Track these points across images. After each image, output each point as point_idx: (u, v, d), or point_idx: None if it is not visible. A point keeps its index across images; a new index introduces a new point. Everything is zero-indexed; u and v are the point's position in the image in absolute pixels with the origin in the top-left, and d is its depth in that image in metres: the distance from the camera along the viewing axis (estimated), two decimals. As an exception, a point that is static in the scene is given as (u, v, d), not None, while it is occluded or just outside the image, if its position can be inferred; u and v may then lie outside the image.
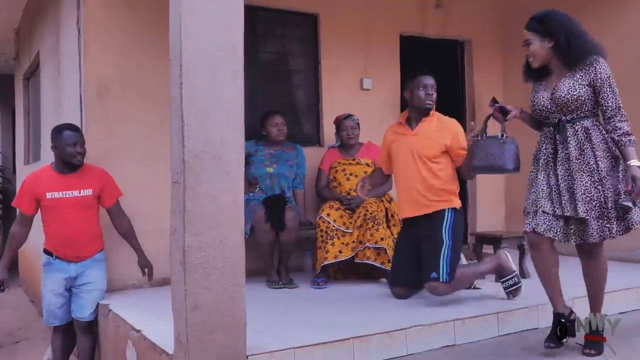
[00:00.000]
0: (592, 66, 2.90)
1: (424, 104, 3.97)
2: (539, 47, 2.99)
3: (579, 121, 2.94)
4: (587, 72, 2.91)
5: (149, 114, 4.52)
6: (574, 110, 2.94)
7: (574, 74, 2.94)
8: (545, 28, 2.96)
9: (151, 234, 4.28)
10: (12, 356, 4.59)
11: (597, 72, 2.89)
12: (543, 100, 3.04)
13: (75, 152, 3.79)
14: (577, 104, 2.92)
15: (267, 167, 4.81)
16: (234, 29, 2.66)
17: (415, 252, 3.94)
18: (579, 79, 2.92)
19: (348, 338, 3.03)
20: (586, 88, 2.91)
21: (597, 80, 2.90)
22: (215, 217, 2.58)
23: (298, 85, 5.70)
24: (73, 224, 3.79)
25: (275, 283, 4.52)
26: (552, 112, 3.01)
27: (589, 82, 2.90)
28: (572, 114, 2.95)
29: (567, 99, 2.92)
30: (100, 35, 4.45)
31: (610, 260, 5.23)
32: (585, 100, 2.92)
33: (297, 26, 5.61)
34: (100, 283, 3.95)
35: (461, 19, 6.19)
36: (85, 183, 3.84)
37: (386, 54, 5.83)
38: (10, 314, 5.43)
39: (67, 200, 3.78)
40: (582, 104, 2.92)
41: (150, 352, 3.03)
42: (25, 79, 7.54)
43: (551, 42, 2.95)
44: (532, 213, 3.08)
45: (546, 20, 2.97)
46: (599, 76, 2.89)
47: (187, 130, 2.53)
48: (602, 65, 2.91)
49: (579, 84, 2.91)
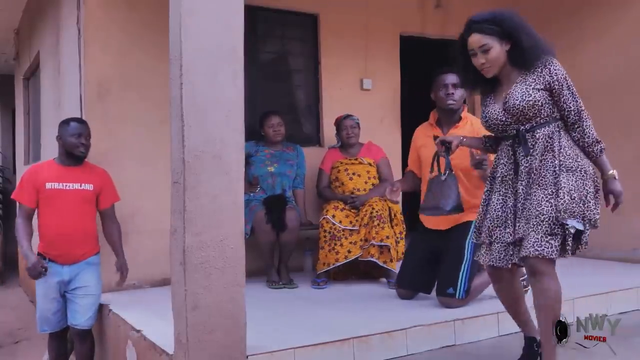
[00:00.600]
0: (546, 68, 2.58)
1: (445, 104, 3.85)
2: (499, 51, 2.63)
3: (539, 128, 2.60)
4: (541, 74, 2.59)
5: (149, 114, 4.52)
6: (532, 117, 2.60)
7: (525, 79, 2.62)
8: (504, 29, 2.62)
9: (151, 234, 4.28)
10: (12, 356, 4.59)
11: (553, 73, 2.58)
12: (496, 113, 2.68)
13: (78, 142, 3.73)
14: (534, 110, 2.58)
15: (268, 166, 4.82)
16: (234, 29, 2.66)
17: (429, 259, 3.85)
18: (533, 83, 2.59)
19: (348, 338, 3.03)
20: (542, 92, 2.57)
21: (553, 83, 2.57)
22: (215, 217, 2.58)
23: (298, 85, 5.70)
24: (70, 217, 3.67)
25: (276, 283, 4.52)
26: (508, 124, 2.65)
27: (545, 85, 2.58)
28: (530, 121, 2.61)
29: (523, 107, 2.57)
30: (100, 35, 4.45)
31: (611, 260, 5.27)
32: (543, 104, 2.58)
33: (297, 26, 5.61)
34: (93, 288, 3.78)
35: (461, 19, 6.10)
36: (87, 178, 3.77)
37: (386, 54, 5.83)
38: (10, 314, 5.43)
39: (67, 192, 3.68)
40: (540, 109, 2.58)
41: (150, 352, 3.03)
42: (25, 79, 7.55)
43: (508, 44, 2.63)
44: (487, 245, 2.73)
45: (502, 21, 2.63)
46: (555, 78, 2.57)
47: (187, 130, 2.53)
48: (556, 65, 2.60)
49: (533, 88, 2.58)
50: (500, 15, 2.65)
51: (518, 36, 2.60)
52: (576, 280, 4.52)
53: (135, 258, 4.11)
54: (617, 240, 5.35)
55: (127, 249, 4.08)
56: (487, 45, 2.63)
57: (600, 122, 5.55)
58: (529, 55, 2.60)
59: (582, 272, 4.79)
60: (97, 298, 3.81)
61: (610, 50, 5.49)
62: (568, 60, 5.84)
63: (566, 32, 5.73)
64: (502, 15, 2.64)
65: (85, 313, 3.73)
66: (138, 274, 4.14)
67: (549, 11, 5.89)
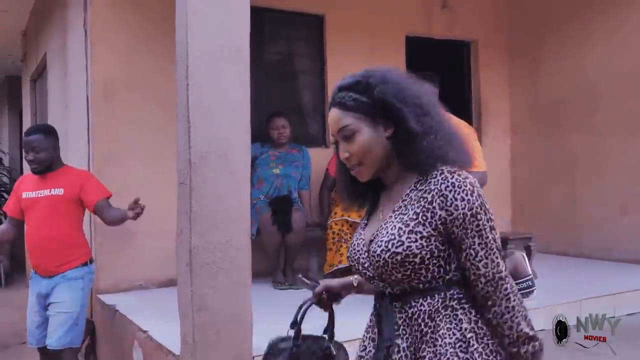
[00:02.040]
0: (441, 193, 1.38)
1: None
2: (371, 139, 1.46)
3: (415, 299, 1.43)
4: (431, 202, 1.39)
5: (155, 115, 4.53)
6: (403, 279, 1.42)
7: (407, 204, 1.43)
8: (376, 101, 1.45)
9: (157, 234, 4.29)
10: (19, 357, 4.61)
11: (451, 204, 1.37)
12: (358, 251, 1.52)
13: (28, 159, 3.33)
14: (409, 267, 1.39)
15: (273, 168, 4.82)
16: (240, 30, 2.66)
17: None
18: (414, 217, 1.39)
19: (354, 339, 3.01)
20: (426, 238, 1.38)
21: (452, 222, 1.37)
22: (221, 218, 2.58)
23: (304, 86, 5.70)
24: (41, 227, 3.33)
25: (281, 284, 4.52)
26: (371, 277, 1.49)
27: (435, 225, 1.38)
28: (400, 284, 1.43)
29: (385, 260, 1.41)
30: (106, 36, 4.46)
31: (618, 261, 5.24)
32: (425, 260, 1.39)
33: (303, 27, 5.62)
34: (67, 305, 3.29)
35: (467, 20, 6.18)
36: (57, 183, 3.36)
37: (392, 55, 5.82)
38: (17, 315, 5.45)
39: (39, 199, 3.35)
40: (419, 267, 1.39)
41: (156, 352, 3.03)
42: (33, 80, 7.58)
43: (390, 128, 1.45)
44: None
45: (371, 85, 1.47)
46: (454, 214, 1.36)
47: (194, 131, 2.53)
48: (463, 185, 1.38)
49: (411, 230, 1.39)
50: (370, 75, 1.49)
51: (398, 112, 1.43)
52: (583, 282, 4.51)
53: (141, 259, 4.11)
54: (624, 242, 5.33)
55: (133, 249, 4.09)
56: (349, 127, 1.47)
57: (608, 123, 5.61)
58: (421, 148, 1.41)
59: (589, 273, 4.77)
60: (72, 316, 3.31)
61: (618, 51, 5.46)
62: (576, 61, 5.89)
63: (574, 33, 5.71)
64: (373, 75, 1.48)
65: (55, 332, 3.28)
66: (144, 274, 4.14)
67: (557, 13, 5.86)
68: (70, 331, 3.30)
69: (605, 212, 5.49)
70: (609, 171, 5.51)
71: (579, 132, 5.76)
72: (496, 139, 6.37)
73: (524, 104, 6.30)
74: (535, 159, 6.18)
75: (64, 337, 3.28)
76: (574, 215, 5.75)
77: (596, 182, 5.62)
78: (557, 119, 5.95)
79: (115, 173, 4.16)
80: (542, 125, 6.12)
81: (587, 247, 5.56)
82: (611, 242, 5.42)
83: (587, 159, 5.70)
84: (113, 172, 4.32)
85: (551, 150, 6.00)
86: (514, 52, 6.35)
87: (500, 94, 6.42)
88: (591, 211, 5.62)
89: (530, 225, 5.73)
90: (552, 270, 4.78)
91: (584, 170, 5.74)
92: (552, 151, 5.99)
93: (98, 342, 4.30)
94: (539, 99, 6.12)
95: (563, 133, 5.91)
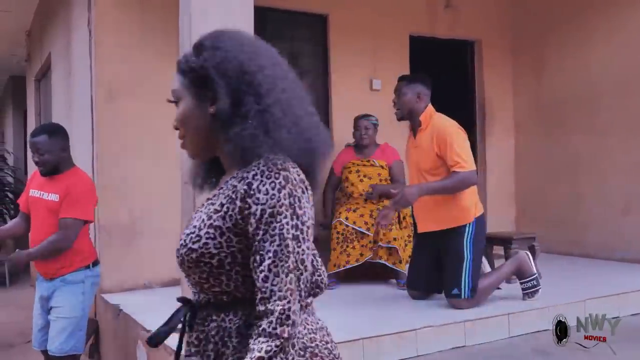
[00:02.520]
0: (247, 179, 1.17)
1: None
2: (192, 112, 1.28)
3: (216, 313, 1.24)
4: (237, 190, 1.18)
5: (159, 115, 4.52)
6: (202, 283, 1.24)
7: (220, 194, 1.23)
8: (203, 70, 1.26)
9: (161, 234, 4.30)
10: (24, 356, 4.62)
11: (252, 192, 1.16)
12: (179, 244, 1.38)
13: (34, 161, 3.25)
14: (204, 268, 1.21)
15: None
16: (243, 30, 2.66)
17: (431, 260, 3.87)
18: (219, 208, 1.20)
19: (358, 339, 3.02)
20: (227, 235, 1.18)
21: (248, 215, 1.16)
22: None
23: (307, 86, 5.69)
24: (41, 228, 3.23)
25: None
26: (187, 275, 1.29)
27: (236, 218, 1.17)
28: (204, 292, 1.26)
29: (183, 255, 1.23)
30: (110, 37, 4.47)
31: (622, 261, 5.23)
32: (225, 263, 1.20)
33: (306, 27, 5.62)
34: (67, 310, 3.19)
35: (471, 20, 6.17)
36: (56, 188, 3.23)
37: (396, 55, 5.82)
38: (22, 314, 5.47)
39: (40, 200, 3.26)
40: (217, 271, 1.20)
41: (160, 352, 3.04)
42: (37, 80, 7.60)
43: (213, 104, 1.25)
44: None
45: (205, 51, 1.28)
46: (252, 206, 1.15)
47: (197, 131, 2.53)
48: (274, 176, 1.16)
49: (211, 223, 1.20)
50: (207, 37, 1.32)
51: (212, 85, 1.24)
52: (587, 282, 4.50)
53: (145, 258, 4.12)
54: (627, 242, 5.32)
55: (138, 249, 4.10)
56: (175, 92, 1.31)
57: (610, 123, 5.60)
58: (233, 135, 1.22)
59: (593, 274, 4.76)
60: (73, 323, 3.20)
61: (619, 51, 5.45)
62: (578, 61, 5.88)
63: (575, 32, 5.70)
64: (209, 37, 1.31)
65: (56, 338, 3.18)
66: (148, 274, 4.15)
67: (559, 13, 5.85)
68: (72, 338, 3.21)
69: (608, 212, 5.48)
70: (612, 171, 5.51)
71: (582, 132, 5.75)
72: (500, 139, 6.37)
73: (528, 103, 6.29)
74: (538, 159, 6.17)
75: (65, 344, 3.19)
76: (577, 215, 5.74)
77: (599, 182, 5.61)
78: (559, 118, 5.95)
79: (119, 173, 4.16)
80: (545, 125, 6.11)
81: (590, 247, 5.55)
82: (614, 242, 5.41)
83: (590, 158, 5.70)
84: (117, 172, 4.33)
85: (554, 150, 6.00)
86: (518, 51, 6.35)
87: (503, 94, 6.41)
88: (594, 211, 5.61)
89: (534, 225, 5.72)
90: (556, 270, 4.77)
91: (586, 170, 5.73)
92: (555, 151, 5.99)
93: (102, 341, 4.31)
94: (542, 99, 6.11)
95: (566, 133, 5.90)
